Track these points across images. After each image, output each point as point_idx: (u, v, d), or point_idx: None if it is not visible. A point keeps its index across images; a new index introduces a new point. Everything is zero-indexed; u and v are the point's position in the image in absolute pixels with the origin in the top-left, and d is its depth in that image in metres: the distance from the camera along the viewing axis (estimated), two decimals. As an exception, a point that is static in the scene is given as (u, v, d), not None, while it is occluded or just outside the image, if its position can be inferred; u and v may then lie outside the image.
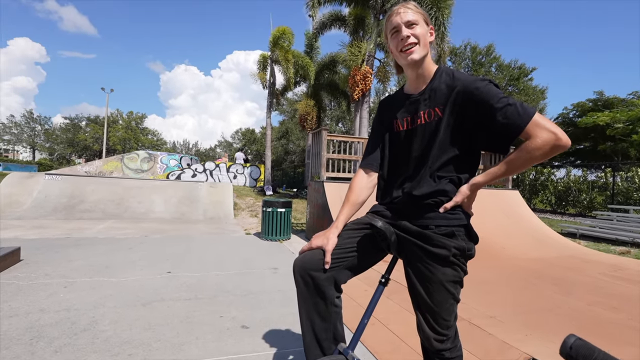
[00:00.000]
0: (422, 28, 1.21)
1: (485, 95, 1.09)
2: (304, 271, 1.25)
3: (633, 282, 3.87)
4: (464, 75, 1.17)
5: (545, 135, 1.02)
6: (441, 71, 1.23)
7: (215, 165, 19.47)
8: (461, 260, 1.18)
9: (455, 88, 1.15)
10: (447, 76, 1.20)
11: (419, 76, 1.26)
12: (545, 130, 1.02)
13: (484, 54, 22.38)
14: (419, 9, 1.23)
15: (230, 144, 42.82)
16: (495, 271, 4.13)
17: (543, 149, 1.03)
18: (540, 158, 1.05)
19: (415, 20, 1.20)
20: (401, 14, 1.21)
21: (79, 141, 35.05)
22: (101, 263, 3.89)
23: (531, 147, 1.04)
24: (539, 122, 1.03)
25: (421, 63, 1.23)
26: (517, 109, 1.05)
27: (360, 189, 1.37)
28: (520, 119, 1.04)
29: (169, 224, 7.19)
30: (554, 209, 12.89)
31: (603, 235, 7.17)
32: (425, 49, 1.21)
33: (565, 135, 1.02)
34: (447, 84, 1.18)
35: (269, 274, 3.81)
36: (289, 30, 15.96)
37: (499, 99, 1.07)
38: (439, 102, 1.19)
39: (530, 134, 1.04)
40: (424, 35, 1.21)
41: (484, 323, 2.54)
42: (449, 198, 1.18)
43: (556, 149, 1.02)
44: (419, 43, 1.20)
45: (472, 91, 1.12)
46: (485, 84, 1.11)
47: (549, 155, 1.05)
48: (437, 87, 1.20)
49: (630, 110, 15.74)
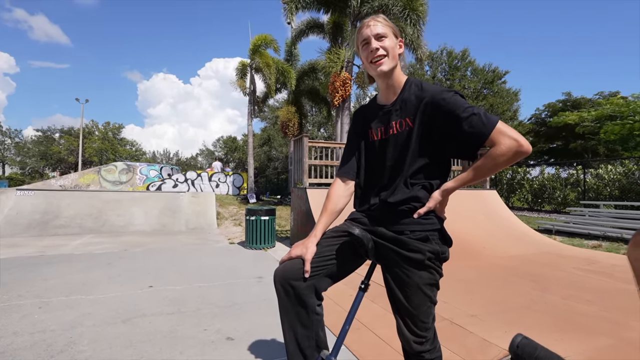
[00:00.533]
0: (391, 40, 1.26)
1: (452, 105, 1.15)
2: (285, 281, 1.27)
3: (605, 275, 4.06)
4: (432, 87, 1.23)
5: (508, 142, 1.08)
6: (410, 82, 1.29)
7: (197, 174, 19.17)
8: (436, 264, 1.23)
9: (423, 99, 1.21)
10: (416, 87, 1.26)
11: (389, 87, 1.32)
12: (508, 137, 1.09)
13: (460, 58, 23.07)
14: (388, 22, 1.29)
15: (212, 152, 42.24)
16: (476, 270, 4.23)
17: (507, 155, 1.09)
18: (505, 164, 1.12)
19: (384, 33, 1.25)
20: (371, 26, 1.26)
21: (53, 154, 33.77)
22: (78, 280, 3.76)
23: (496, 154, 1.10)
24: (502, 130, 1.10)
25: (390, 74, 1.28)
26: (482, 118, 1.11)
27: (337, 198, 1.40)
28: (485, 128, 1.10)
29: (149, 237, 7.01)
30: (531, 206, 13.35)
31: (577, 231, 7.47)
32: (394, 60, 1.27)
33: (526, 142, 1.09)
34: (416, 95, 1.24)
35: (254, 283, 3.78)
36: (270, 37, 16.01)
37: (464, 109, 1.13)
38: (409, 112, 1.24)
39: (494, 141, 1.10)
40: (393, 48, 1.26)
41: (465, 322, 2.61)
42: (422, 204, 1.23)
43: (518, 154, 1.09)
44: (388, 55, 1.25)
45: (439, 102, 1.18)
46: (452, 94, 1.17)
47: (513, 160, 1.11)
48: (407, 98, 1.26)
49: (596, 109, 16.56)
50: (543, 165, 14.05)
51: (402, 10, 10.97)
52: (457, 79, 22.67)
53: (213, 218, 8.94)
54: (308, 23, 13.89)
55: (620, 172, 10.31)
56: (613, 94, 21.21)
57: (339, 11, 12.22)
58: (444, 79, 22.95)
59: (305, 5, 12.05)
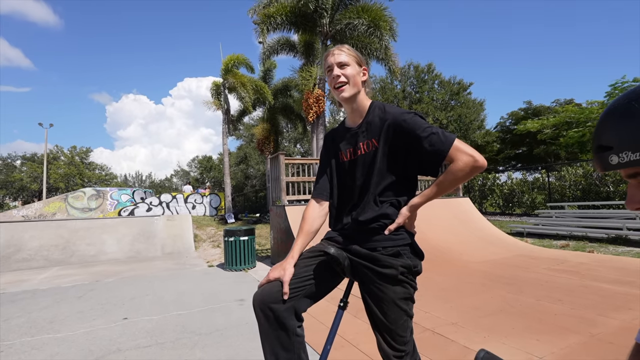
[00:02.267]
0: (353, 69, 1.34)
1: (412, 125, 1.23)
2: (264, 305, 1.26)
3: (573, 274, 4.27)
4: (394, 109, 1.31)
5: (465, 158, 1.16)
6: (374, 106, 1.36)
7: (172, 196, 18.64)
8: (409, 278, 1.27)
9: (386, 121, 1.29)
10: (380, 110, 1.34)
11: (354, 111, 1.39)
12: (465, 154, 1.17)
13: (426, 72, 24.08)
14: (352, 51, 1.37)
15: (188, 173, 41.30)
16: (454, 277, 4.34)
17: (464, 170, 1.17)
18: (464, 178, 1.20)
19: (346, 62, 1.33)
20: (335, 55, 1.35)
21: (14, 182, 31.84)
22: (44, 318, 3.53)
23: (455, 169, 1.18)
24: (459, 147, 1.18)
25: (353, 99, 1.36)
26: (440, 136, 1.19)
27: (312, 219, 1.43)
28: (443, 145, 1.18)
29: (123, 265, 6.71)
30: (503, 210, 13.88)
31: (545, 232, 7.84)
32: (356, 87, 1.35)
33: (481, 157, 1.17)
34: (380, 117, 1.31)
35: (235, 306, 3.69)
36: (242, 56, 16.12)
37: (423, 128, 1.21)
38: (374, 134, 1.31)
39: (453, 158, 1.18)
40: (355, 76, 1.34)
41: (446, 330, 2.66)
42: (392, 220, 1.28)
43: (475, 169, 1.17)
44: (349, 82, 1.33)
45: (400, 123, 1.25)
46: (412, 116, 1.25)
47: (470, 175, 1.19)
48: (372, 120, 1.33)
49: (554, 117, 17.66)
50: (511, 170, 14.71)
51: (368, 28, 11.51)
52: (425, 91, 23.59)
53: (190, 241, 8.68)
54: (279, 41, 14.11)
55: (580, 174, 10.98)
56: (568, 101, 22.77)
57: (309, 31, 12.53)
58: (414, 92, 23.80)
59: (276, 26, 12.29)
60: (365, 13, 11.52)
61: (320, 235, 1.50)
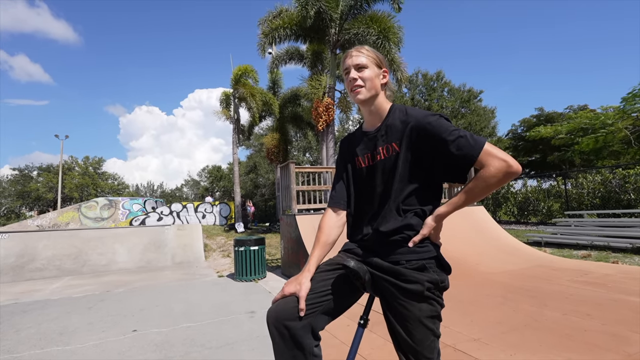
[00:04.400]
0: (371, 71, 1.27)
1: (438, 129, 1.14)
2: (278, 322, 1.18)
3: (599, 286, 4.05)
4: (417, 111, 1.22)
5: (498, 164, 1.07)
6: (395, 109, 1.28)
7: (182, 206, 18.77)
8: (436, 294, 1.17)
9: (409, 124, 1.20)
10: (401, 113, 1.25)
11: (372, 114, 1.32)
12: (497, 158, 1.07)
13: (435, 79, 23.98)
14: (371, 53, 1.29)
15: (198, 182, 41.66)
16: (473, 289, 4.16)
17: (497, 176, 1.07)
18: (496, 185, 1.09)
19: (364, 64, 1.26)
20: (353, 57, 1.28)
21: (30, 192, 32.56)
22: (54, 329, 3.49)
23: (486, 175, 1.08)
24: (491, 151, 1.08)
25: (370, 102, 1.29)
26: (469, 140, 1.10)
27: (329, 229, 1.35)
28: (473, 149, 1.09)
29: (134, 275, 6.69)
30: (517, 219, 13.53)
31: (565, 241, 7.56)
32: (373, 90, 1.27)
33: (515, 162, 1.07)
34: (402, 120, 1.23)
35: (246, 319, 3.60)
36: (250, 67, 16.33)
37: (450, 131, 1.12)
38: (395, 137, 1.23)
39: (483, 163, 1.08)
40: (373, 78, 1.26)
41: (469, 347, 2.51)
42: (416, 232, 1.19)
43: (509, 175, 1.07)
44: (365, 85, 1.26)
45: (424, 126, 1.16)
46: (437, 118, 1.16)
47: (504, 181, 1.09)
48: (392, 123, 1.25)
49: (568, 123, 17.30)
50: (525, 178, 14.38)
51: (377, 38, 11.47)
52: (435, 99, 23.45)
53: (200, 251, 8.65)
54: (288, 51, 14.25)
55: (599, 181, 10.64)
56: (582, 107, 22.33)
57: (317, 40, 12.62)
58: (423, 100, 23.69)
59: (283, 38, 12.43)
60: (375, 23, 11.52)
61: (337, 247, 1.41)
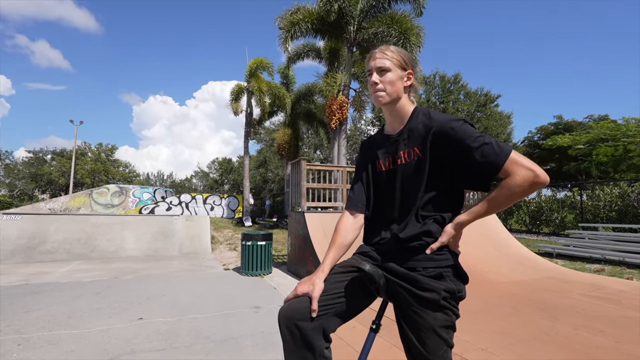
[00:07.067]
0: (394, 74, 1.23)
1: (461, 134, 1.10)
2: (290, 322, 1.16)
3: (613, 302, 3.93)
4: (440, 115, 1.18)
5: (524, 173, 1.02)
6: (418, 112, 1.25)
7: (191, 197, 18.96)
8: (452, 303, 1.14)
9: (432, 128, 1.16)
10: (424, 116, 1.22)
11: (394, 117, 1.29)
12: (524, 167, 1.03)
13: (452, 82, 23.64)
14: (396, 54, 1.25)
15: (207, 174, 42.03)
16: (482, 298, 4.09)
17: (522, 186, 1.03)
18: (521, 195, 1.05)
19: (387, 67, 1.23)
20: (377, 59, 1.24)
21: (43, 175, 33.28)
22: (63, 312, 3.54)
23: (511, 185, 1.04)
24: (517, 160, 1.04)
25: (392, 105, 1.26)
26: (494, 147, 1.06)
27: (346, 231, 1.32)
28: (498, 158, 1.05)
29: (141, 263, 6.77)
30: (529, 228, 13.28)
31: (577, 254, 7.38)
32: (395, 94, 1.24)
33: (543, 172, 1.03)
34: (424, 124, 1.19)
35: (251, 313, 3.60)
36: (266, 61, 16.32)
37: (474, 138, 1.08)
38: (417, 141, 1.20)
39: (509, 172, 1.04)
40: (395, 82, 1.23)
41: (476, 357, 2.46)
42: (435, 239, 1.16)
43: (535, 185, 1.03)
44: (386, 90, 1.23)
45: (448, 131, 1.12)
46: (461, 123, 1.12)
47: (529, 192, 1.04)
48: (415, 127, 1.22)
49: (587, 132, 16.88)
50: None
51: (397, 40, 11.21)
52: (451, 102, 23.14)
53: (207, 242, 8.72)
54: (304, 47, 14.20)
55: (617, 194, 10.35)
56: (602, 117, 21.75)
57: (335, 37, 12.53)
58: (438, 102, 23.40)
59: (301, 33, 12.35)
60: (396, 23, 11.29)
61: (352, 250, 1.38)
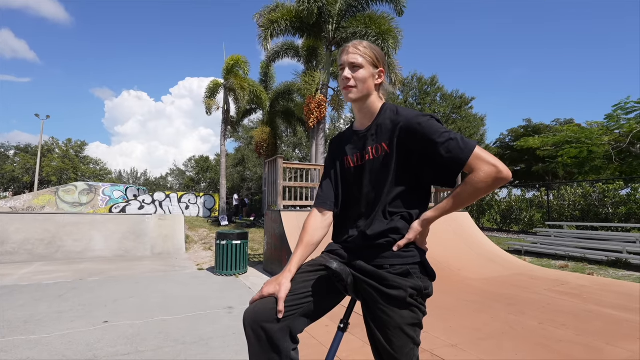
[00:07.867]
0: (366, 71, 1.21)
1: (428, 130, 1.10)
2: (256, 324, 1.12)
3: (575, 296, 4.13)
4: (407, 111, 1.18)
5: (487, 169, 1.03)
6: (386, 108, 1.24)
7: (165, 195, 18.41)
8: (419, 301, 1.13)
9: (399, 123, 1.16)
10: (392, 112, 1.21)
11: (363, 113, 1.28)
12: (487, 163, 1.03)
13: (429, 84, 24.17)
14: (369, 51, 1.23)
15: (183, 172, 40.96)
16: (453, 295, 4.18)
17: (486, 181, 1.03)
18: (485, 191, 1.06)
19: (359, 63, 1.21)
20: (350, 54, 1.22)
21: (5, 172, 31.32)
22: (19, 317, 3.32)
23: (475, 180, 1.04)
24: (480, 156, 1.04)
25: (362, 102, 1.25)
26: (459, 143, 1.06)
27: (314, 230, 1.29)
28: (462, 153, 1.05)
29: (110, 264, 6.49)
30: (500, 227, 13.78)
31: (544, 251, 7.72)
32: (366, 90, 1.23)
33: (506, 168, 1.03)
34: (392, 120, 1.19)
35: (224, 314, 3.51)
36: (243, 59, 16.07)
37: (440, 133, 1.08)
38: (384, 137, 1.19)
39: (473, 167, 1.05)
40: (366, 79, 1.21)
41: (446, 353, 2.50)
42: (402, 235, 1.15)
43: (498, 181, 1.03)
44: (357, 86, 1.21)
45: (414, 126, 1.12)
46: (427, 119, 1.12)
47: (493, 187, 1.05)
48: (382, 122, 1.21)
49: (554, 135, 17.73)
50: (509, 186, 14.66)
51: (376, 40, 11.28)
52: (427, 103, 23.65)
53: (181, 242, 8.47)
54: (283, 45, 14.07)
55: (580, 194, 10.92)
56: (568, 121, 22.91)
57: (314, 36, 12.48)
58: (416, 104, 23.85)
59: (280, 31, 12.21)
60: (374, 24, 11.35)
61: (321, 248, 1.35)
